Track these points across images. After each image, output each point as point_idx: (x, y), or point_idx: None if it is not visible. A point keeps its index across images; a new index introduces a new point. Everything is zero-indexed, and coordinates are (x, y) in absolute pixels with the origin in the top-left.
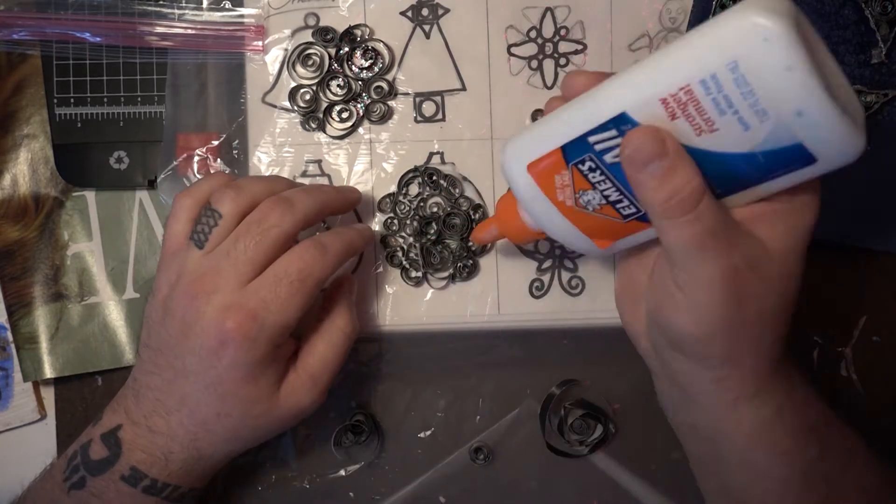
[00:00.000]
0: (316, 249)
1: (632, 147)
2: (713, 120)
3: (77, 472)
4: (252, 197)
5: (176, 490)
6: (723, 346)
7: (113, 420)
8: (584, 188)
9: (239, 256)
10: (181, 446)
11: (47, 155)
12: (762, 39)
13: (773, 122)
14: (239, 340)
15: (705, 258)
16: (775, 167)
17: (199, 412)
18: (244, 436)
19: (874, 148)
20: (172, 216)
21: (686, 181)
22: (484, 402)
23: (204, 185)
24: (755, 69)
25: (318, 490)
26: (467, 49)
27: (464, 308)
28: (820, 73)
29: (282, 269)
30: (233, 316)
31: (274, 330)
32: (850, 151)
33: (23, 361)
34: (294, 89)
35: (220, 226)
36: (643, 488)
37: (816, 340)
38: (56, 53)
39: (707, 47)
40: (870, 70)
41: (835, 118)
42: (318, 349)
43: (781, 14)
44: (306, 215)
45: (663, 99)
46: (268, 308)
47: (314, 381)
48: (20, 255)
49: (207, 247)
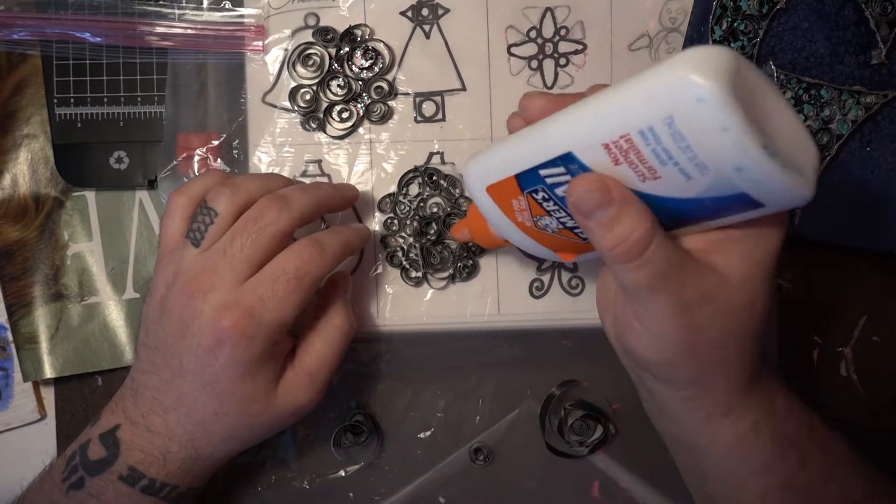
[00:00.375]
0: (313, 247)
1: (576, 195)
2: (655, 168)
3: (75, 473)
4: (248, 195)
5: (174, 490)
6: (687, 370)
7: (111, 420)
8: (540, 214)
9: (235, 254)
10: (179, 446)
11: (47, 155)
12: (696, 99)
13: (713, 175)
14: (236, 338)
15: (657, 296)
16: (723, 209)
17: (197, 411)
18: (242, 435)
19: (874, 149)
20: (167, 215)
21: (632, 229)
22: (484, 402)
23: (199, 183)
24: (691, 126)
25: (317, 490)
26: (467, 49)
27: (464, 308)
28: (758, 132)
29: (279, 267)
30: (229, 314)
31: (271, 328)
32: (797, 199)
33: (23, 361)
34: (294, 89)
35: (216, 224)
36: (643, 488)
37: (816, 340)
38: (56, 53)
39: (645, 99)
40: (870, 71)
41: (776, 174)
42: (316, 347)
43: (718, 71)
44: (303, 213)
45: (605, 145)
46: (265, 306)
47: (312, 379)
48: (20, 255)
49: (203, 245)
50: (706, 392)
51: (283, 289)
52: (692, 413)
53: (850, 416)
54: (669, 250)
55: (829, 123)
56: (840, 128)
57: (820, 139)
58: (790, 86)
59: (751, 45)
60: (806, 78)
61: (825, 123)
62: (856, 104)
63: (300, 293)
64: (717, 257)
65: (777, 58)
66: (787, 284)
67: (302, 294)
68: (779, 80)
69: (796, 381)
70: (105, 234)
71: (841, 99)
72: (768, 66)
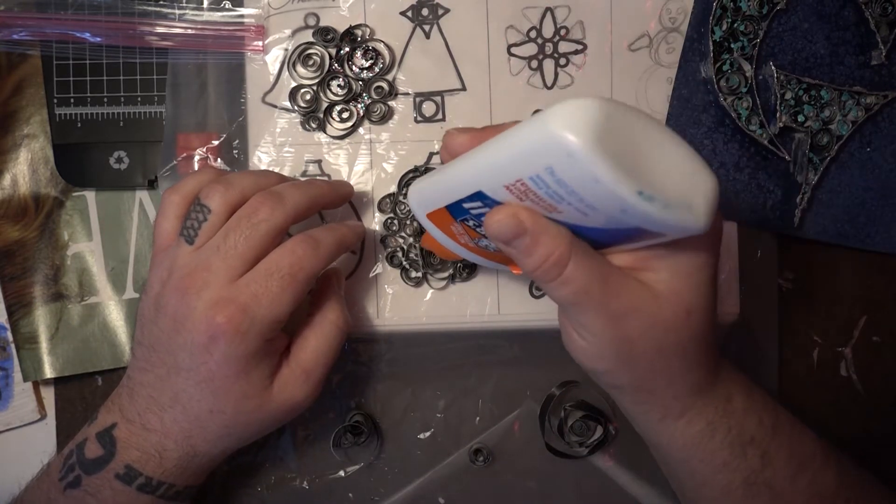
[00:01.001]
0: (308, 244)
1: (491, 229)
2: (554, 206)
3: (73, 472)
4: (241, 191)
5: (171, 488)
6: (627, 378)
7: (108, 419)
8: (477, 237)
9: (229, 251)
10: (175, 443)
11: (47, 155)
12: (566, 154)
13: (604, 213)
14: (230, 335)
15: (584, 311)
16: (630, 238)
17: (193, 409)
18: (238, 432)
19: (874, 150)
20: (161, 213)
21: (548, 253)
22: (484, 402)
23: (192, 181)
24: (569, 176)
25: (317, 491)
26: (467, 49)
27: (464, 308)
28: (632, 179)
29: (273, 264)
30: (223, 310)
31: (265, 324)
32: (691, 231)
33: (23, 361)
34: (294, 89)
35: (209, 221)
36: (643, 489)
37: (816, 340)
38: (56, 53)
39: (526, 152)
40: (870, 71)
41: (657, 214)
42: (311, 343)
43: (586, 125)
44: (297, 209)
45: (506, 186)
46: (259, 302)
47: (307, 376)
48: (20, 255)
49: (197, 242)
50: (653, 397)
51: (277, 285)
52: (645, 416)
53: (850, 416)
54: (590, 268)
55: (829, 124)
56: (840, 128)
57: (820, 140)
58: (790, 86)
59: (751, 45)
60: (806, 78)
61: (825, 124)
62: (856, 105)
63: (294, 290)
64: (646, 274)
65: (777, 58)
66: (787, 284)
67: (296, 291)
68: (779, 81)
69: (796, 381)
70: (105, 234)
71: (841, 100)
72: (768, 67)
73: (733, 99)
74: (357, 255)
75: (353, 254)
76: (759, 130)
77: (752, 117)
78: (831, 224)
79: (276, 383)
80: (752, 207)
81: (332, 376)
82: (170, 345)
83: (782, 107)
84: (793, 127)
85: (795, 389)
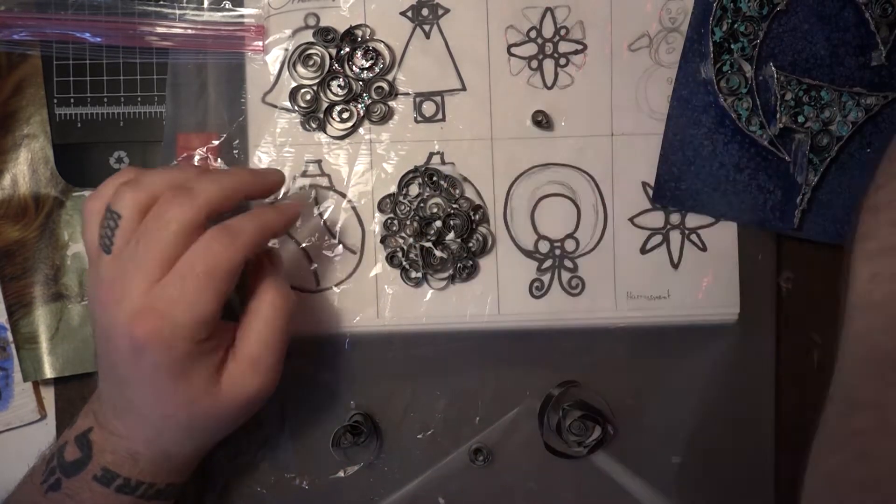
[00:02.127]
0: (223, 237)
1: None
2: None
3: (53, 475)
4: (152, 191)
5: (151, 487)
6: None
7: (84, 423)
8: None
9: (142, 257)
10: (144, 447)
11: (47, 155)
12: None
13: None
14: (152, 344)
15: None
16: None
17: (147, 415)
18: (200, 433)
19: (874, 150)
20: (84, 224)
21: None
22: (483, 402)
23: (108, 185)
24: None
25: (316, 491)
26: (467, 49)
27: (464, 308)
28: None
29: (187, 265)
30: (142, 321)
31: (188, 328)
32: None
33: (23, 361)
34: (294, 89)
35: (121, 227)
36: (643, 489)
37: (816, 340)
38: (56, 53)
39: None
40: (870, 72)
41: None
42: (254, 330)
43: None
44: (210, 203)
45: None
46: (177, 306)
47: (255, 365)
48: (20, 255)
49: (114, 250)
50: None
51: (192, 286)
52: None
53: None
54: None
55: (830, 125)
56: (840, 129)
57: (820, 140)
58: (790, 87)
59: (751, 46)
60: (806, 79)
61: (825, 125)
62: (856, 106)
63: (214, 288)
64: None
65: (777, 59)
66: (787, 284)
67: (216, 288)
68: (779, 82)
69: (796, 381)
70: None
71: (841, 100)
72: (769, 68)
73: (733, 100)
74: (357, 255)
75: (353, 254)
76: (759, 131)
77: (752, 118)
78: (831, 225)
79: (224, 380)
80: (752, 208)
81: (332, 376)
82: (108, 357)
83: (782, 107)
84: (793, 128)
85: (795, 389)
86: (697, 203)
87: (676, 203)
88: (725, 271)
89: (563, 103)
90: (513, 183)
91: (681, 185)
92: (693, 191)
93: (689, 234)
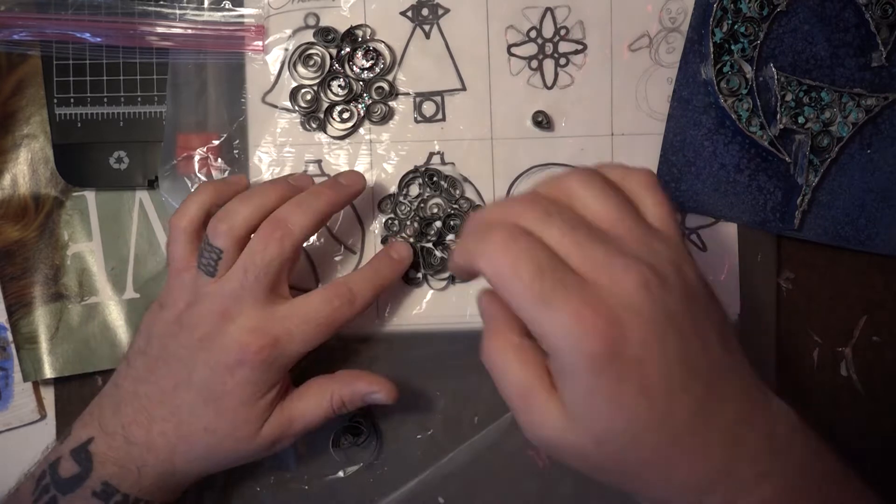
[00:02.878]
0: (346, 298)
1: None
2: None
3: (47, 493)
4: (246, 225)
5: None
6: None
7: (83, 434)
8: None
9: (251, 286)
10: (157, 459)
11: (47, 155)
12: None
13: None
14: (256, 362)
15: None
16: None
17: (188, 424)
18: (218, 457)
19: (874, 151)
20: (171, 239)
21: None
22: (483, 402)
23: (193, 204)
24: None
25: (316, 491)
26: (467, 49)
27: (463, 308)
28: None
29: (313, 310)
30: (257, 339)
31: (290, 359)
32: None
33: (23, 361)
34: (295, 89)
35: (223, 259)
36: None
37: (816, 340)
38: (56, 53)
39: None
40: (870, 73)
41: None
42: (305, 404)
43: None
44: (305, 234)
45: None
46: (291, 339)
47: (289, 425)
48: (20, 255)
49: (218, 275)
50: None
51: (312, 331)
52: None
53: (850, 416)
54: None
55: (830, 126)
56: (840, 130)
57: (820, 141)
58: (791, 88)
59: (751, 47)
60: (806, 80)
61: (826, 126)
62: (856, 106)
63: (323, 335)
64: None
65: (777, 60)
66: (787, 285)
67: (325, 335)
68: (779, 83)
69: (796, 381)
70: (105, 234)
71: (841, 101)
72: (769, 69)
73: (734, 100)
74: (357, 255)
75: (354, 254)
76: (759, 132)
77: (752, 119)
78: (831, 226)
79: (266, 422)
80: (753, 208)
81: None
82: (190, 360)
83: (783, 108)
84: (793, 128)
85: (795, 389)
86: (698, 203)
87: (676, 203)
88: (725, 271)
89: (563, 103)
90: (513, 183)
91: (681, 185)
92: (693, 191)
93: (690, 235)
